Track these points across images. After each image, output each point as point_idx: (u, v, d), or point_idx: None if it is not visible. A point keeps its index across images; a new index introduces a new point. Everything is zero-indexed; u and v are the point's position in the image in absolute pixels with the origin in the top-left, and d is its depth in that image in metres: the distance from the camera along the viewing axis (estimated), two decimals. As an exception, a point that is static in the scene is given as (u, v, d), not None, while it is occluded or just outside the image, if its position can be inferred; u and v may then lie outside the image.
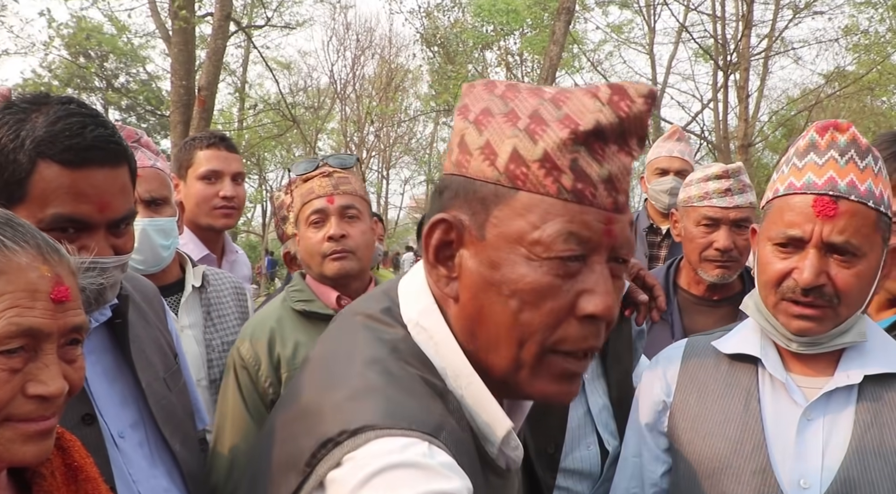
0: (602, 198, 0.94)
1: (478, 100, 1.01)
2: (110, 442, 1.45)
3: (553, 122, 0.94)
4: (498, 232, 0.95)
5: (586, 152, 0.93)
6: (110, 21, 13.73)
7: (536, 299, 0.93)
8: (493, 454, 1.02)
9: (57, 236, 1.26)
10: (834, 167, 1.41)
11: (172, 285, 2.40)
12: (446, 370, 1.00)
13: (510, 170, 0.94)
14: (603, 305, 0.93)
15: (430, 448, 0.85)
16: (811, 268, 1.40)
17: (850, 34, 17.27)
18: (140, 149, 2.26)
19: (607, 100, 0.94)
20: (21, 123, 1.32)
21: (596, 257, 0.95)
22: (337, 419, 0.89)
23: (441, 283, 1.02)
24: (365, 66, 26.58)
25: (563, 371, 0.98)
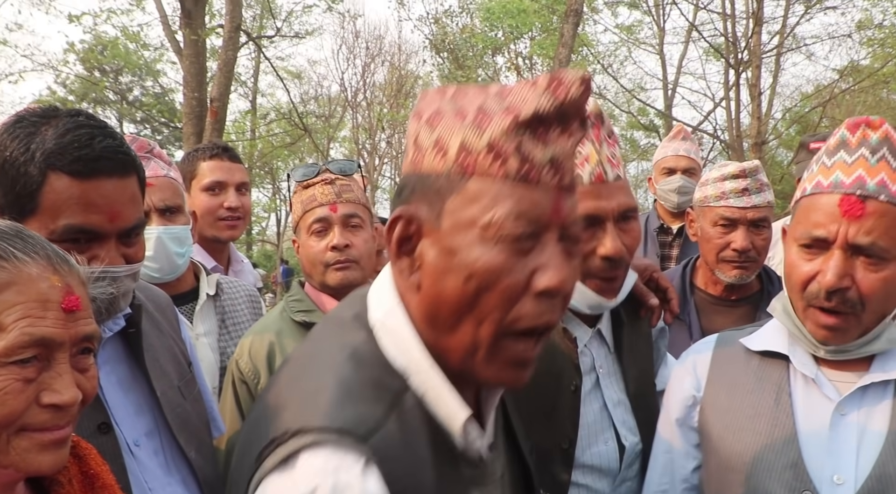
0: (548, 179, 0.99)
1: (430, 104, 1.07)
2: (126, 451, 1.46)
3: (497, 113, 0.99)
4: (453, 219, 1.00)
5: (529, 137, 0.98)
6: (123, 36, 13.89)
7: (492, 278, 0.97)
8: (461, 445, 1.06)
9: (68, 246, 1.28)
10: (864, 165, 1.36)
11: (187, 294, 2.42)
12: (408, 367, 1.04)
13: (460, 161, 1.00)
14: (557, 279, 0.97)
15: (364, 470, 0.90)
16: (834, 270, 1.36)
17: (864, 29, 17.12)
18: (153, 159, 2.29)
19: (545, 88, 0.98)
20: (31, 136, 1.34)
21: (547, 235, 0.99)
22: (286, 419, 0.97)
23: (404, 275, 1.06)
24: (375, 73, 26.71)
25: (516, 356, 1.02)
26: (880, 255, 1.34)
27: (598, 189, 1.60)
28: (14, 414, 0.97)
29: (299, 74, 26.08)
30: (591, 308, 1.70)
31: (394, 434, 0.97)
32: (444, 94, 1.07)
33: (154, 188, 2.25)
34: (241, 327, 2.47)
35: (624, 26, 19.71)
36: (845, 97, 18.57)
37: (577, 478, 1.70)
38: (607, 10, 19.94)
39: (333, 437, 0.92)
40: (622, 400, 1.77)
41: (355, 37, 26.29)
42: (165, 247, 2.25)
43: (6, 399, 0.96)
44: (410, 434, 0.99)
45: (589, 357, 1.76)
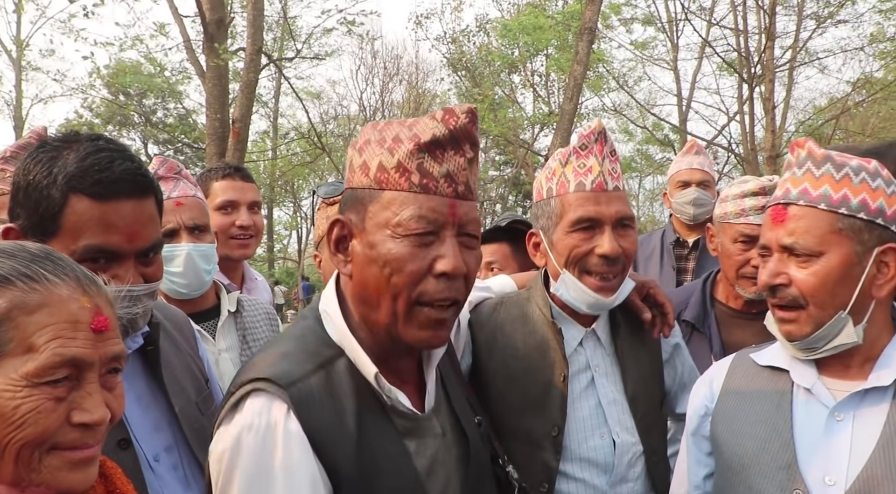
0: (443, 189, 1.30)
1: (363, 136, 1.38)
2: (146, 466, 1.49)
3: (405, 140, 1.31)
4: (373, 222, 1.31)
5: (429, 157, 1.30)
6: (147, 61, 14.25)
7: (401, 265, 1.28)
8: (387, 400, 1.33)
9: (89, 267, 1.30)
10: (792, 179, 1.55)
11: (209, 311, 2.47)
12: (342, 342, 1.35)
13: (377, 177, 1.31)
14: (451, 265, 1.28)
15: (287, 412, 1.21)
16: (767, 271, 1.55)
17: (876, 42, 17.08)
18: (181, 180, 2.38)
19: (441, 119, 1.31)
20: (53, 161, 1.39)
21: (445, 232, 1.30)
22: (238, 379, 1.30)
23: (341, 266, 1.37)
24: (393, 92, 26.97)
25: (427, 319, 1.31)
26: (806, 253, 1.49)
27: (598, 196, 1.79)
28: (46, 433, 0.99)
29: (319, 94, 26.41)
30: (590, 306, 1.82)
31: (316, 386, 1.27)
32: (375, 128, 1.37)
33: (184, 207, 2.33)
34: (260, 343, 2.50)
35: (638, 43, 19.80)
36: (859, 109, 18.48)
37: (575, 471, 1.80)
38: (622, 28, 20.08)
39: (262, 384, 1.23)
40: (618, 399, 1.87)
41: (374, 57, 26.62)
42: (195, 264, 2.33)
43: (38, 418, 0.98)
44: (335, 388, 1.29)
45: (583, 355, 1.88)
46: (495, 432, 1.76)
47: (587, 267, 1.79)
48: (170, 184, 2.35)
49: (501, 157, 27.93)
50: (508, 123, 19.50)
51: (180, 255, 2.31)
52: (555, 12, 18.44)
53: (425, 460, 1.35)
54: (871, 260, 1.47)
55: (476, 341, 1.89)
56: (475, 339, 1.89)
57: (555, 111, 18.78)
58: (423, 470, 1.34)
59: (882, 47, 17.01)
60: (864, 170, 1.49)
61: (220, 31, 9.19)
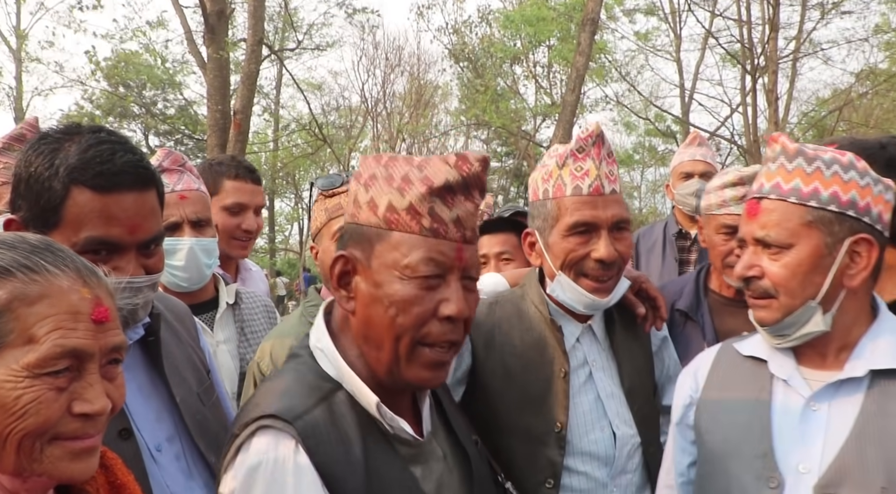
0: (453, 233, 1.32)
1: (367, 169, 1.38)
2: (147, 456, 1.50)
3: (416, 181, 1.31)
4: (379, 261, 1.31)
5: (440, 201, 1.31)
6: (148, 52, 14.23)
7: (407, 306, 1.29)
8: (389, 429, 1.34)
9: (90, 258, 1.30)
10: (766, 174, 1.58)
11: (208, 302, 2.49)
12: (340, 376, 1.35)
13: (387, 217, 1.32)
14: (456, 309, 1.30)
15: (296, 447, 1.21)
16: (741, 263, 1.60)
17: (881, 32, 17.00)
18: (185, 173, 2.38)
19: (454, 165, 1.32)
20: (55, 153, 1.39)
21: (451, 276, 1.32)
22: (240, 419, 1.30)
23: (343, 302, 1.37)
24: (395, 83, 26.91)
25: (431, 360, 1.33)
26: (777, 245, 1.53)
27: (595, 200, 1.81)
28: (48, 423, 0.99)
29: (320, 86, 26.36)
30: (586, 306, 1.85)
31: (320, 419, 1.27)
32: (379, 161, 1.37)
33: (188, 201, 2.33)
34: (258, 335, 2.53)
35: (640, 34, 19.73)
36: (862, 101, 18.42)
37: (577, 465, 1.82)
38: (624, 18, 19.99)
39: (268, 421, 1.23)
40: (616, 393, 1.91)
41: (375, 48, 26.56)
42: (196, 258, 2.34)
43: (40, 408, 0.98)
44: (338, 420, 1.29)
45: (581, 351, 1.90)
46: (497, 430, 1.79)
47: (583, 271, 1.82)
48: (174, 177, 2.35)
49: (503, 149, 27.90)
50: (511, 115, 19.47)
51: (183, 249, 2.32)
52: (557, 3, 18.36)
53: (432, 484, 1.36)
54: (843, 250, 1.50)
55: (474, 340, 1.90)
56: (473, 339, 1.90)
57: (557, 102, 18.73)
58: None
59: (887, 38, 16.93)
60: (836, 163, 1.51)
61: (221, 22, 9.16)
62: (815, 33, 17.31)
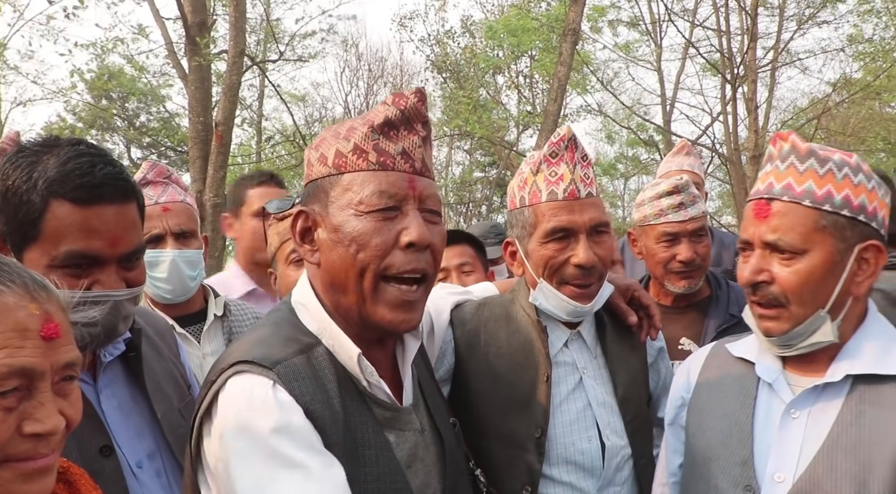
0: (401, 165, 1.33)
1: (319, 137, 1.42)
2: (128, 473, 1.47)
3: (359, 126, 1.35)
4: (335, 206, 1.32)
5: (383, 137, 1.34)
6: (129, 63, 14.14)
7: (366, 240, 1.29)
8: (367, 386, 1.33)
9: (70, 272, 1.33)
10: (775, 173, 1.51)
11: (196, 314, 2.48)
12: (320, 330, 1.35)
13: (335, 163, 1.34)
14: (417, 235, 1.29)
15: (274, 386, 1.20)
16: (749, 267, 1.51)
17: (855, 43, 17.28)
18: (171, 185, 2.38)
19: (391, 102, 1.35)
20: (33, 165, 1.37)
21: (407, 206, 1.32)
22: (216, 367, 1.30)
23: (308, 256, 1.38)
24: (378, 94, 26.90)
25: (397, 298, 1.31)
26: (790, 250, 1.45)
27: (572, 205, 1.77)
28: None
29: (303, 97, 26.32)
30: (569, 314, 1.82)
31: (299, 366, 1.26)
32: (329, 129, 1.41)
33: (171, 212, 2.34)
34: None
35: (622, 45, 19.88)
36: (839, 109, 18.70)
37: (561, 475, 1.77)
38: (606, 30, 20.15)
39: (246, 366, 1.22)
40: (608, 401, 1.85)
41: (358, 59, 26.57)
42: (179, 270, 2.33)
43: None
44: (317, 371, 1.28)
45: (569, 356, 1.86)
46: (477, 433, 1.76)
47: (564, 278, 1.79)
48: (158, 189, 2.36)
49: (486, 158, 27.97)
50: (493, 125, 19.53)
51: (165, 261, 2.32)
52: (539, 14, 18.47)
53: (404, 453, 1.35)
54: (853, 257, 1.45)
55: (457, 339, 1.87)
56: (456, 337, 1.87)
57: (538, 112, 18.82)
58: (403, 463, 1.33)
59: (861, 48, 17.21)
60: (846, 165, 1.47)
61: (203, 34, 9.14)
62: (792, 43, 17.57)
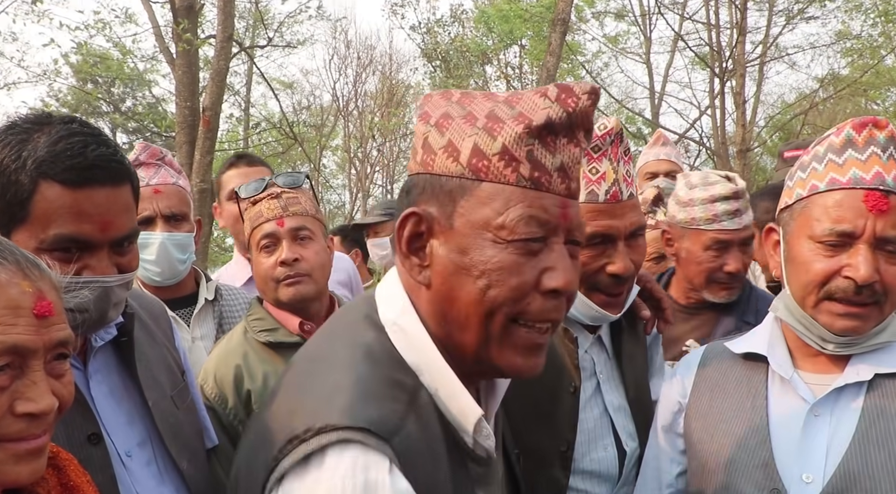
0: (556, 185, 1.06)
1: (437, 107, 1.12)
2: (117, 461, 1.43)
3: (509, 120, 1.05)
4: (465, 220, 1.06)
5: (540, 144, 1.05)
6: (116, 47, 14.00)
7: (503, 277, 1.04)
8: (470, 443, 1.11)
9: (60, 256, 1.27)
10: (878, 162, 1.37)
11: (187, 298, 2.48)
12: (420, 365, 1.09)
13: (473, 164, 1.05)
14: (564, 280, 1.05)
15: (391, 471, 0.95)
16: (867, 264, 1.36)
17: (843, 39, 17.41)
18: (163, 167, 2.37)
19: (556, 98, 1.06)
20: (23, 144, 1.31)
21: (555, 238, 1.07)
22: (305, 418, 1.00)
23: (414, 272, 1.11)
24: (366, 82, 26.79)
25: (528, 342, 1.08)
26: None
27: (613, 208, 1.61)
28: None
29: (292, 84, 26.15)
30: (594, 320, 1.71)
31: (414, 434, 1.02)
32: (449, 98, 1.13)
33: (162, 195, 2.33)
34: None
35: (611, 36, 19.91)
36: (826, 105, 18.85)
37: (577, 484, 1.69)
38: (595, 21, 20.15)
39: (359, 436, 0.95)
40: (623, 405, 1.77)
41: (347, 46, 26.42)
42: (168, 253, 2.33)
43: None
44: (428, 432, 1.05)
45: (590, 362, 1.76)
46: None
47: (596, 285, 1.65)
48: (150, 171, 2.35)
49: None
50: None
51: (154, 243, 2.32)
52: (529, 4, 18.44)
53: None
54: None
55: None
56: None
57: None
58: None
59: (849, 45, 17.34)
60: None
61: (191, 18, 9.06)
62: (781, 38, 17.70)
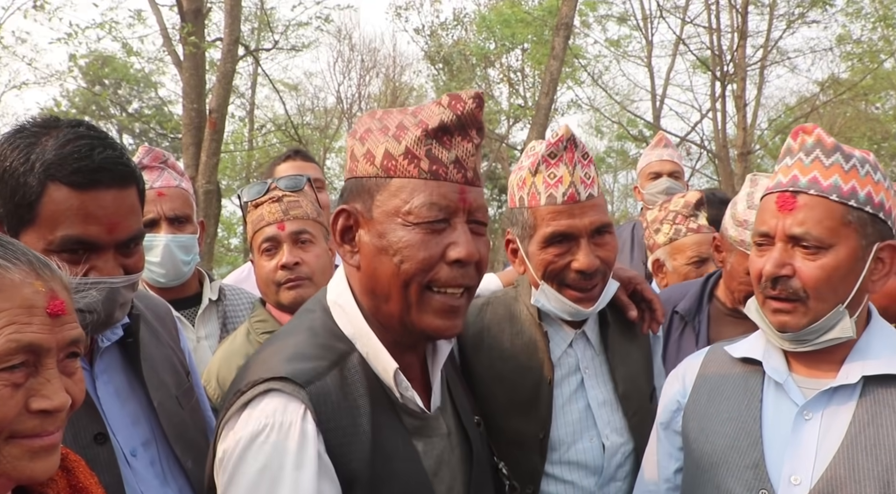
0: (453, 175, 1.27)
1: (363, 125, 1.35)
2: (122, 461, 1.45)
3: (411, 126, 1.28)
4: (381, 210, 1.27)
5: (437, 143, 1.27)
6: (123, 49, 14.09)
7: (413, 252, 1.25)
8: (399, 398, 1.31)
9: (67, 258, 1.29)
10: (799, 166, 1.48)
11: (191, 298, 2.52)
12: (354, 335, 1.32)
13: (384, 165, 1.28)
14: (465, 252, 1.26)
15: (304, 413, 1.18)
16: (772, 260, 1.48)
17: (843, 43, 17.47)
18: (167, 170, 2.41)
19: (447, 105, 1.28)
20: (31, 147, 1.33)
21: (456, 219, 1.28)
22: (249, 376, 1.25)
23: (347, 257, 1.34)
24: (370, 85, 26.83)
25: (443, 306, 1.29)
26: (815, 244, 1.43)
27: (572, 208, 1.72)
28: (4, 421, 0.95)
29: (296, 86, 26.23)
30: (572, 315, 1.80)
31: (332, 385, 1.24)
32: (373, 116, 1.35)
33: (165, 198, 2.38)
34: None
35: (613, 40, 19.97)
36: (827, 109, 18.90)
37: (564, 474, 1.78)
38: (597, 25, 20.22)
39: (279, 384, 1.19)
40: (609, 400, 1.84)
41: (351, 49, 26.50)
42: (172, 255, 2.37)
43: None
44: (349, 387, 1.26)
45: (573, 357, 1.84)
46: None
47: (565, 281, 1.76)
48: (154, 174, 2.39)
49: (478, 151, 27.87)
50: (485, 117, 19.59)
51: (159, 246, 2.36)
52: (531, 8, 18.53)
53: (432, 460, 1.33)
54: (871, 255, 1.45)
55: (462, 342, 1.85)
56: (461, 340, 1.85)
57: (529, 105, 18.88)
58: (430, 471, 1.32)
59: (848, 49, 17.39)
60: (867, 162, 1.47)
61: (198, 21, 9.13)
62: (781, 42, 17.74)
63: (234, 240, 24.62)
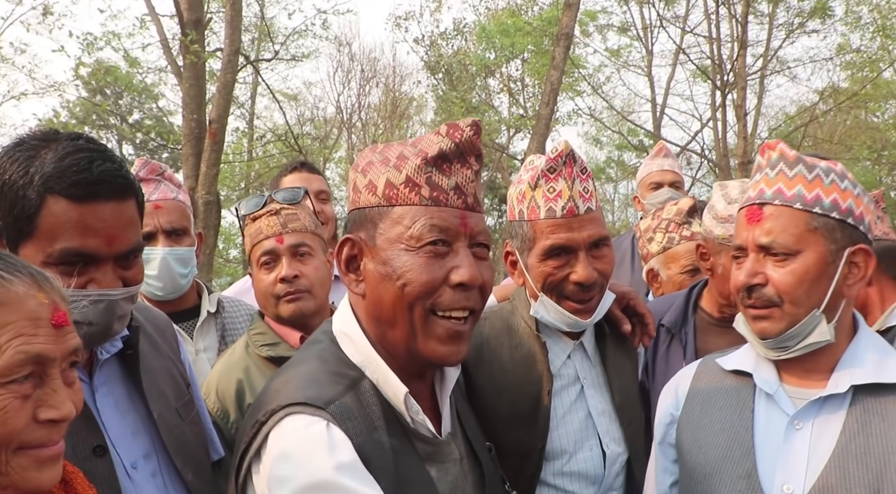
0: (454, 201, 1.31)
1: (364, 158, 1.39)
2: (122, 473, 1.44)
3: (411, 156, 1.32)
4: (384, 238, 1.30)
5: (437, 171, 1.31)
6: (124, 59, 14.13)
7: (416, 276, 1.27)
8: (410, 422, 1.32)
9: (66, 270, 1.30)
10: (765, 180, 1.56)
11: (189, 310, 2.50)
12: (363, 362, 1.33)
13: (386, 194, 1.32)
14: (468, 275, 1.28)
15: (328, 425, 1.18)
16: (743, 271, 1.55)
17: (842, 52, 17.52)
18: (163, 182, 2.39)
19: (446, 134, 1.32)
20: (30, 160, 1.33)
21: (458, 243, 1.30)
22: (264, 406, 1.25)
23: (353, 286, 1.36)
24: (370, 95, 26.88)
25: (447, 331, 1.30)
26: (783, 252, 1.50)
27: (570, 222, 1.76)
28: (14, 432, 0.96)
29: (296, 96, 26.29)
30: (570, 326, 1.83)
31: (350, 405, 1.24)
32: (374, 150, 1.39)
33: (162, 210, 2.36)
34: None
35: (613, 50, 20.04)
36: (826, 118, 18.94)
37: (565, 484, 1.80)
38: (598, 35, 20.29)
39: (298, 408, 1.20)
40: (606, 409, 1.87)
41: (351, 59, 26.56)
42: (170, 268, 2.35)
43: (6, 418, 0.95)
44: (365, 407, 1.27)
45: (573, 368, 1.87)
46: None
47: (564, 293, 1.79)
48: (150, 187, 2.37)
49: (478, 161, 27.88)
50: (485, 127, 19.61)
51: (156, 259, 2.34)
52: (532, 17, 18.59)
53: (447, 486, 1.33)
54: (843, 259, 1.49)
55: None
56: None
57: (529, 115, 18.91)
58: None
59: (848, 58, 17.44)
60: (832, 172, 1.52)
61: (198, 31, 9.16)
62: (781, 51, 17.81)
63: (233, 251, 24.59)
